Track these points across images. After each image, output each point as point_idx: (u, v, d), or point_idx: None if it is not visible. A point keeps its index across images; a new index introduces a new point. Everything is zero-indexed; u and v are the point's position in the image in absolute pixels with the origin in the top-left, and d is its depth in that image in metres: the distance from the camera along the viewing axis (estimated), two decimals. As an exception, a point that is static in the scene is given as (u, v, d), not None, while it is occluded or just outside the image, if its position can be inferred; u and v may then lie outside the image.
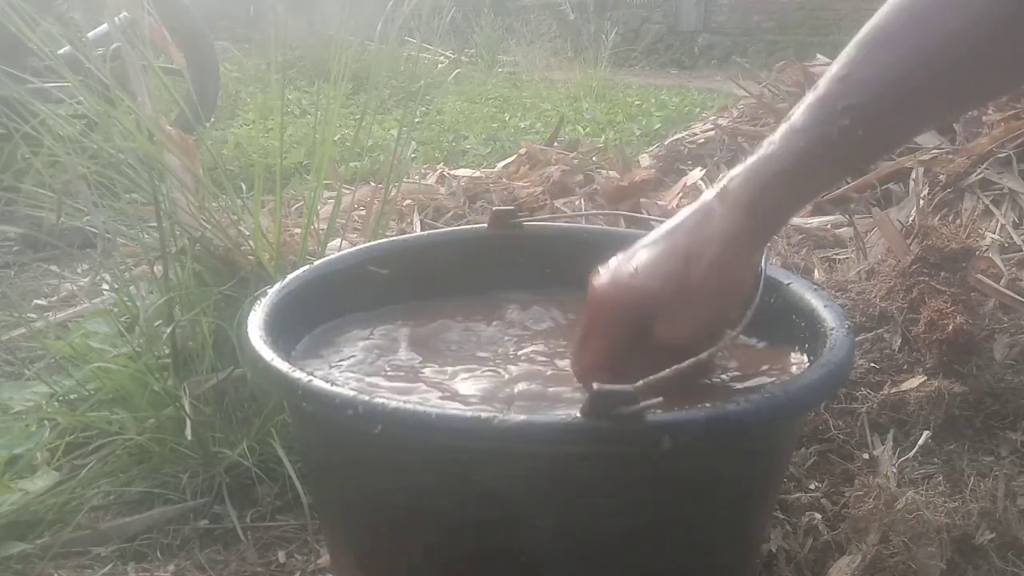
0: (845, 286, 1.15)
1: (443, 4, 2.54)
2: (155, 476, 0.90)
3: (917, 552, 0.71)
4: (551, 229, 0.84)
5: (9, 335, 1.25)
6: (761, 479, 0.60)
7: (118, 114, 1.00)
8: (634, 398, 0.44)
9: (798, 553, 0.77)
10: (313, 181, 1.11)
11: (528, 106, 3.88)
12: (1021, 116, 1.47)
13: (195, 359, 0.96)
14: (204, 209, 1.02)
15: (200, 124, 1.50)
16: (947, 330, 0.95)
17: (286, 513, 0.88)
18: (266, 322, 0.61)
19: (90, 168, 1.00)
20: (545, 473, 0.49)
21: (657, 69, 6.42)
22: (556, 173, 1.75)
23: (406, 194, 1.71)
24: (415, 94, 2.18)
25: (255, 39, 5.28)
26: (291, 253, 1.04)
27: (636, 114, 3.73)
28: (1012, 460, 0.89)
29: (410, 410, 0.47)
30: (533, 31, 6.56)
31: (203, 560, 0.82)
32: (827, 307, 0.64)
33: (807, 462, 0.89)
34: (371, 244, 0.80)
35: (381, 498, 0.55)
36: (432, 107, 3.42)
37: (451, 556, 0.55)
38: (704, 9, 7.04)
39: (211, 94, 2.81)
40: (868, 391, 0.95)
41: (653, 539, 0.53)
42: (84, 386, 0.98)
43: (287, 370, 0.53)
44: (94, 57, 1.00)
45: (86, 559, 0.82)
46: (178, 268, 0.99)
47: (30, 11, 0.99)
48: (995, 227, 1.31)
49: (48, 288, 1.58)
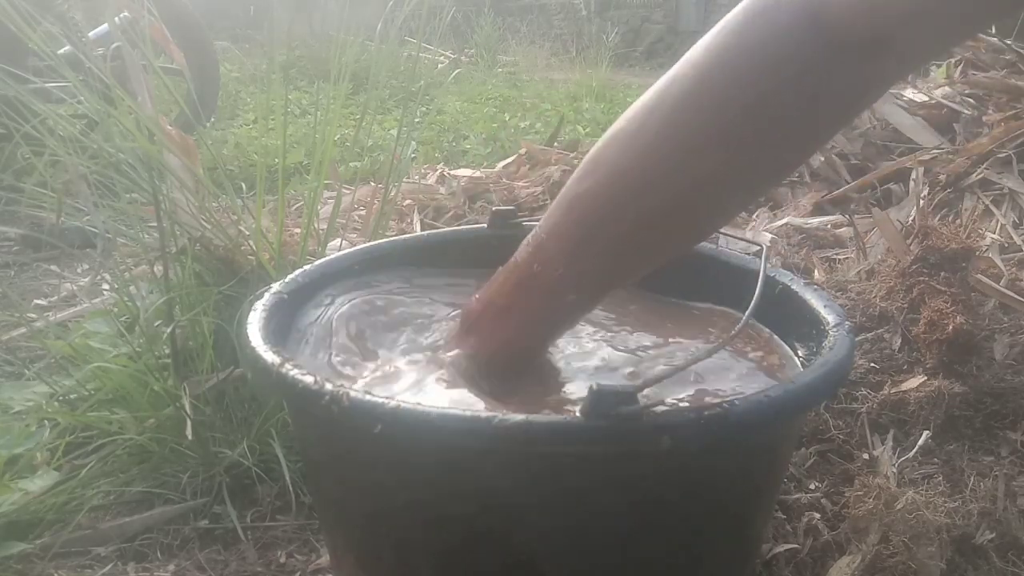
0: (845, 286, 1.15)
1: (443, 4, 2.54)
2: (155, 476, 0.90)
3: (917, 552, 0.71)
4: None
5: (9, 335, 1.25)
6: (761, 479, 0.60)
7: (118, 114, 1.00)
8: (634, 398, 0.44)
9: (798, 553, 0.77)
10: (313, 181, 1.11)
11: (528, 106, 3.88)
12: (1021, 116, 1.47)
13: (195, 359, 0.96)
14: (204, 209, 1.02)
15: (200, 124, 1.50)
16: (947, 330, 0.95)
17: (286, 513, 0.88)
18: (266, 322, 0.61)
19: (90, 168, 1.00)
20: (545, 473, 0.49)
21: (657, 69, 6.41)
22: (556, 173, 1.75)
23: (406, 194, 1.71)
24: (415, 94, 2.18)
25: (255, 39, 5.29)
26: (291, 253, 1.04)
27: (636, 114, 3.72)
28: (1012, 460, 0.89)
29: (410, 410, 0.47)
30: (533, 31, 6.56)
31: (203, 560, 0.82)
32: (827, 307, 0.64)
33: (807, 462, 0.89)
34: (371, 244, 0.80)
35: (381, 497, 0.55)
36: (432, 107, 3.42)
37: (451, 556, 0.55)
38: (704, 9, 7.05)
39: (211, 94, 2.81)
40: (868, 391, 0.95)
41: (652, 539, 0.53)
42: (84, 386, 0.98)
43: (287, 371, 0.53)
44: (94, 57, 1.00)
45: (86, 559, 0.82)
46: (178, 268, 0.99)
47: (30, 11, 0.99)
48: (995, 227, 1.31)
49: (48, 288, 1.58)
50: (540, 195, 1.71)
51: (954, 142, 1.61)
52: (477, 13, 6.15)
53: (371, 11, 1.32)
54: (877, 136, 1.72)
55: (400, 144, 1.23)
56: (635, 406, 0.44)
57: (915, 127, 1.70)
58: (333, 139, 1.13)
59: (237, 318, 0.86)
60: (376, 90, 1.29)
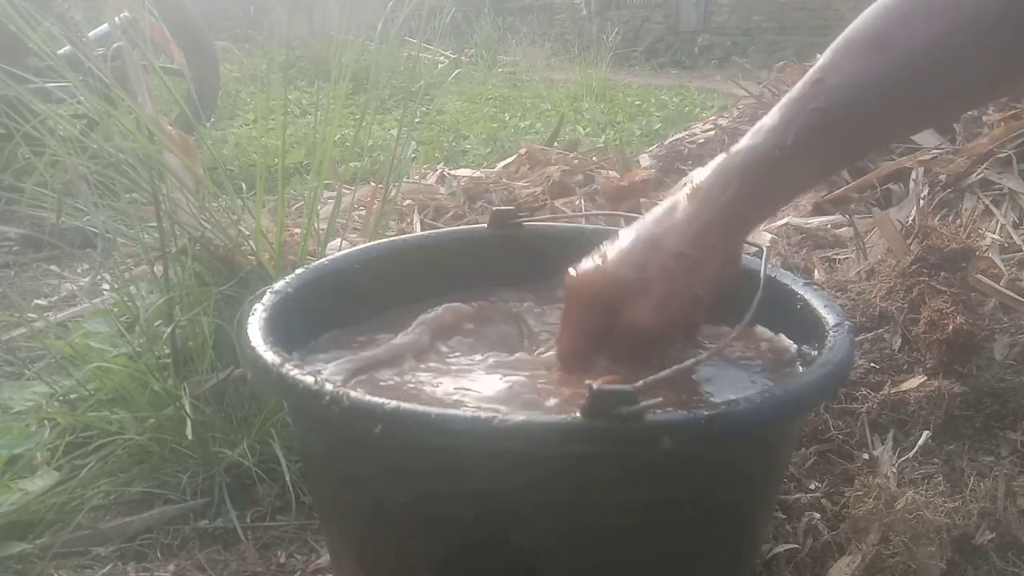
0: (845, 286, 1.15)
1: (443, 4, 2.55)
2: (155, 476, 0.90)
3: (917, 552, 0.71)
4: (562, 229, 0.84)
5: (9, 335, 1.25)
6: (761, 479, 0.60)
7: (118, 114, 1.00)
8: (634, 398, 0.44)
9: (798, 553, 0.77)
10: (313, 181, 1.11)
11: (528, 106, 3.88)
12: (1021, 116, 1.47)
13: (195, 359, 0.96)
14: (204, 209, 1.02)
15: (200, 124, 1.49)
16: (947, 330, 0.95)
17: (286, 513, 0.88)
18: (266, 322, 0.61)
19: (90, 168, 1.00)
20: (545, 473, 0.49)
21: (657, 69, 6.42)
22: (556, 173, 1.75)
23: (406, 194, 1.72)
24: (415, 94, 2.18)
25: (255, 39, 5.29)
26: (291, 253, 1.04)
27: (636, 114, 3.74)
28: (1012, 460, 0.89)
29: (410, 410, 0.47)
30: (533, 31, 6.56)
31: (203, 560, 0.82)
32: (827, 307, 0.64)
33: (807, 462, 0.89)
34: (370, 244, 0.80)
35: (381, 498, 0.55)
36: (432, 107, 3.42)
37: (451, 556, 0.55)
38: (704, 9, 7.05)
39: (211, 94, 2.81)
40: (868, 391, 0.95)
41: (653, 538, 0.53)
42: (84, 386, 0.98)
43: (287, 371, 0.53)
44: (94, 57, 1.01)
45: (86, 559, 0.82)
46: (178, 268, 0.99)
47: (31, 11, 0.99)
48: (995, 227, 1.31)
49: (48, 288, 1.59)
50: (540, 195, 1.71)
51: (954, 142, 1.61)
52: (477, 13, 6.16)
53: (371, 11, 1.32)
54: (877, 136, 1.72)
55: (400, 144, 1.23)
56: (635, 406, 0.44)
57: (915, 127, 1.69)
58: (333, 139, 1.13)
59: (237, 318, 0.86)
60: (376, 90, 1.29)
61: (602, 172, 1.81)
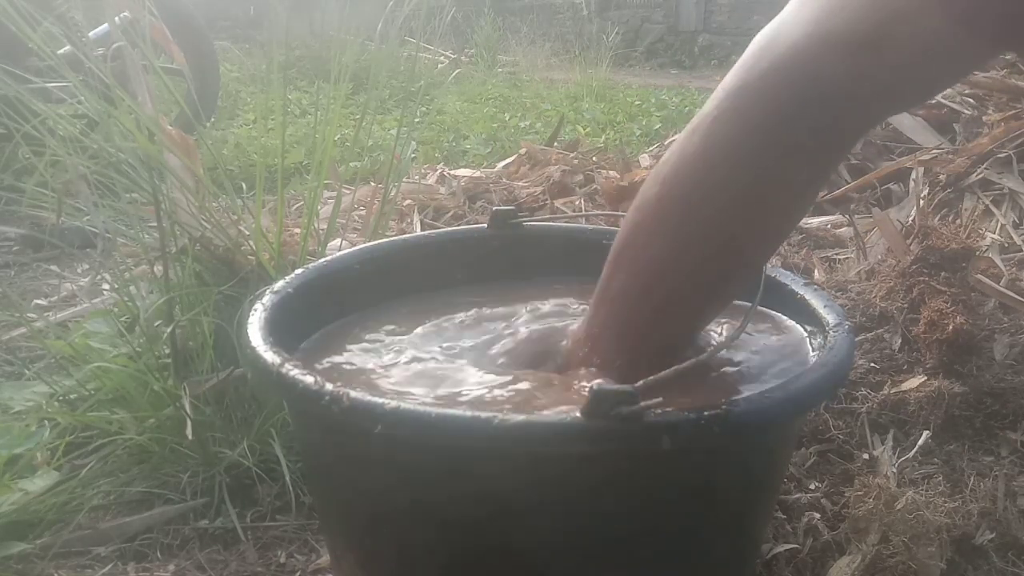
0: (845, 286, 1.15)
1: (443, 4, 2.54)
2: (155, 476, 0.90)
3: (917, 552, 0.71)
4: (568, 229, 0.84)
5: (9, 335, 1.25)
6: (761, 479, 0.60)
7: (118, 114, 1.00)
8: (634, 398, 0.44)
9: (798, 553, 0.77)
10: (313, 181, 1.11)
11: (528, 106, 3.88)
12: (1021, 116, 1.47)
13: (195, 359, 0.96)
14: (204, 209, 1.02)
15: (200, 124, 1.49)
16: (947, 330, 0.95)
17: (286, 513, 0.88)
18: (266, 322, 0.61)
19: (90, 168, 1.00)
20: (545, 473, 0.49)
21: (657, 69, 6.42)
22: (556, 173, 1.75)
23: (406, 194, 1.71)
24: (415, 94, 2.19)
25: (255, 39, 5.29)
26: (291, 253, 1.04)
27: (636, 114, 3.73)
28: (1012, 460, 0.89)
29: (410, 410, 0.47)
30: (533, 31, 6.56)
31: (203, 560, 0.82)
32: (827, 307, 0.64)
33: (807, 462, 0.89)
34: (371, 244, 0.80)
35: (381, 498, 0.55)
36: (432, 107, 3.42)
37: (451, 556, 0.55)
38: (704, 9, 7.04)
39: (211, 94, 2.81)
40: (868, 391, 0.95)
41: (653, 539, 0.53)
42: (84, 386, 0.98)
43: (287, 371, 0.53)
44: (94, 57, 1.00)
45: (86, 559, 0.82)
46: (178, 268, 0.99)
47: (30, 11, 0.99)
48: (995, 227, 1.31)
49: (48, 288, 1.58)
50: (540, 195, 1.71)
51: (954, 142, 1.61)
52: (477, 13, 6.16)
53: (371, 11, 1.32)
54: (877, 136, 1.72)
55: (400, 144, 1.23)
56: (635, 406, 0.44)
57: (915, 127, 1.70)
58: (333, 139, 1.13)
59: (237, 318, 0.86)
60: (376, 90, 1.29)
61: (602, 172, 1.81)
